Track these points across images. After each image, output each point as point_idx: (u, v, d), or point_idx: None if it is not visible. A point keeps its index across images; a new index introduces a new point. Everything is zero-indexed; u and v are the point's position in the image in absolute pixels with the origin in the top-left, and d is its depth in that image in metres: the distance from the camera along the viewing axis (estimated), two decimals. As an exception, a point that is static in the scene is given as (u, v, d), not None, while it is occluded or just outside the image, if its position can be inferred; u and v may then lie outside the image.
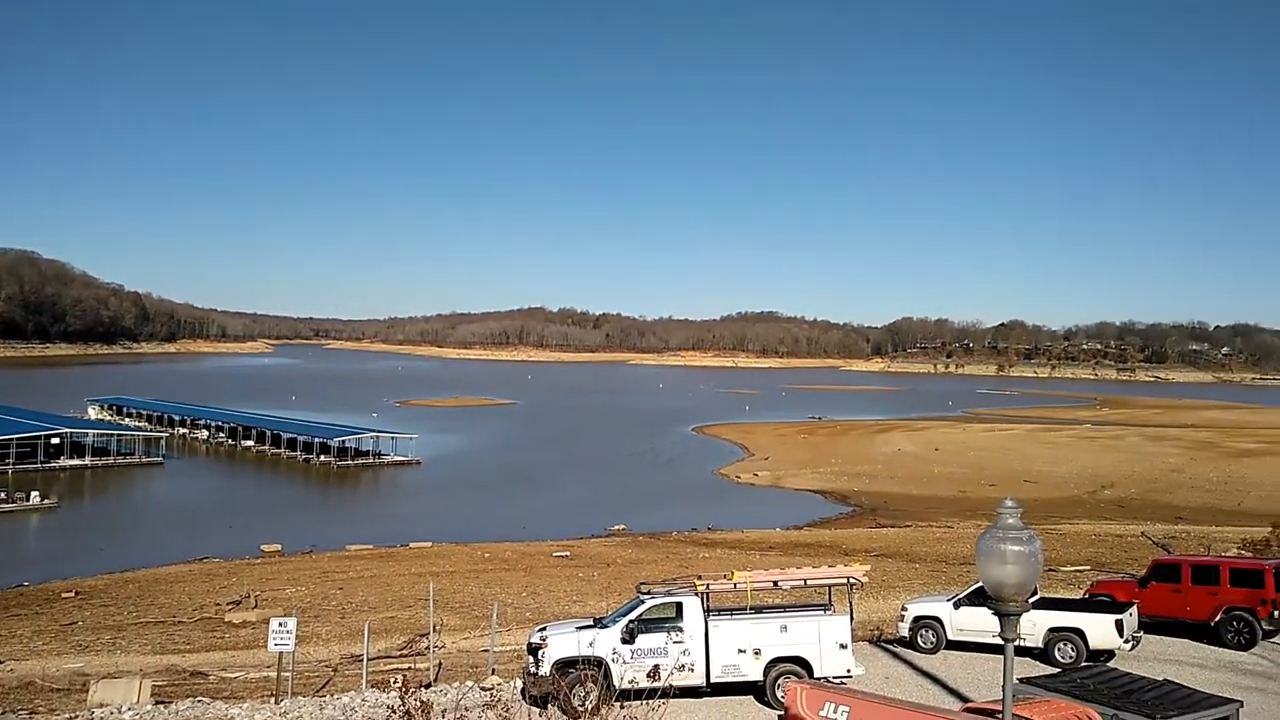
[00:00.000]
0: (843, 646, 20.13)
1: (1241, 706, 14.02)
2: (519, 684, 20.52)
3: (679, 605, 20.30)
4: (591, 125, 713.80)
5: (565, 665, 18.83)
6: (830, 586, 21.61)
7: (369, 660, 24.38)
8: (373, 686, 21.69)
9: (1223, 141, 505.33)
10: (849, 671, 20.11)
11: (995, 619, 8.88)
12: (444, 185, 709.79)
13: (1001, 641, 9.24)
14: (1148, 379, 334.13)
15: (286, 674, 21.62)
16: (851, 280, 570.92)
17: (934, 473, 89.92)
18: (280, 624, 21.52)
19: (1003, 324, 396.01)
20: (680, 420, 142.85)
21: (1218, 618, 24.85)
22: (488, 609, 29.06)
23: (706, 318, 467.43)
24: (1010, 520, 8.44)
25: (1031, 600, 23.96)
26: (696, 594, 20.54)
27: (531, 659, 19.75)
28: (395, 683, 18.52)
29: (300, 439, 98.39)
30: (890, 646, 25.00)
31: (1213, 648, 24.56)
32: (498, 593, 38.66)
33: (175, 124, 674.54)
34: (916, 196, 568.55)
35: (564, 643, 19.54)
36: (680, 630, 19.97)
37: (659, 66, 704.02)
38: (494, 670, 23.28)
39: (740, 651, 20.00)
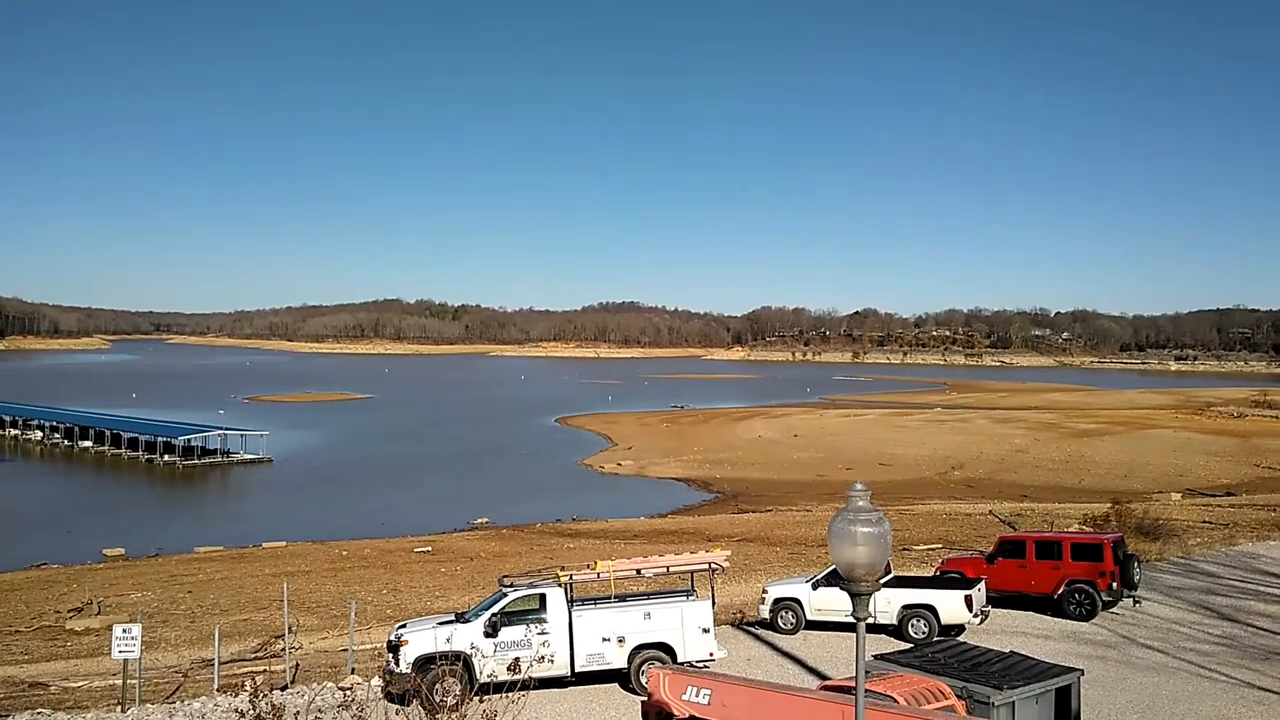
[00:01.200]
0: (705, 631, 20.29)
1: (1082, 675, 14.64)
2: (379, 683, 19.98)
3: (542, 597, 20.13)
4: (439, 111, 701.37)
5: (425, 662, 18.40)
6: (693, 572, 21.77)
7: (221, 664, 23.32)
8: (224, 691, 20.75)
9: (1057, 136, 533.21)
10: (712, 655, 20.28)
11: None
12: (290, 173, 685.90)
13: (853, 619, 9.34)
14: (994, 364, 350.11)
15: (133, 681, 20.47)
16: (711, 270, 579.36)
17: (793, 458, 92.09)
18: (124, 630, 20.40)
19: (857, 312, 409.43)
20: (543, 411, 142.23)
21: (1060, 590, 26.05)
22: (346, 608, 28.22)
23: (568, 308, 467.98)
24: (860, 503, 8.50)
25: (885, 579, 24.83)
26: (560, 585, 20.38)
27: (391, 657, 19.38)
28: (247, 686, 17.73)
29: (143, 438, 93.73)
30: (752, 629, 25.34)
31: (1056, 619, 25.73)
32: (357, 591, 37.57)
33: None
34: (771, 188, 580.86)
35: (423, 639, 19.16)
36: (544, 622, 19.80)
37: (504, 62, 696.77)
38: (353, 670, 22.59)
39: (604, 640, 19.99)
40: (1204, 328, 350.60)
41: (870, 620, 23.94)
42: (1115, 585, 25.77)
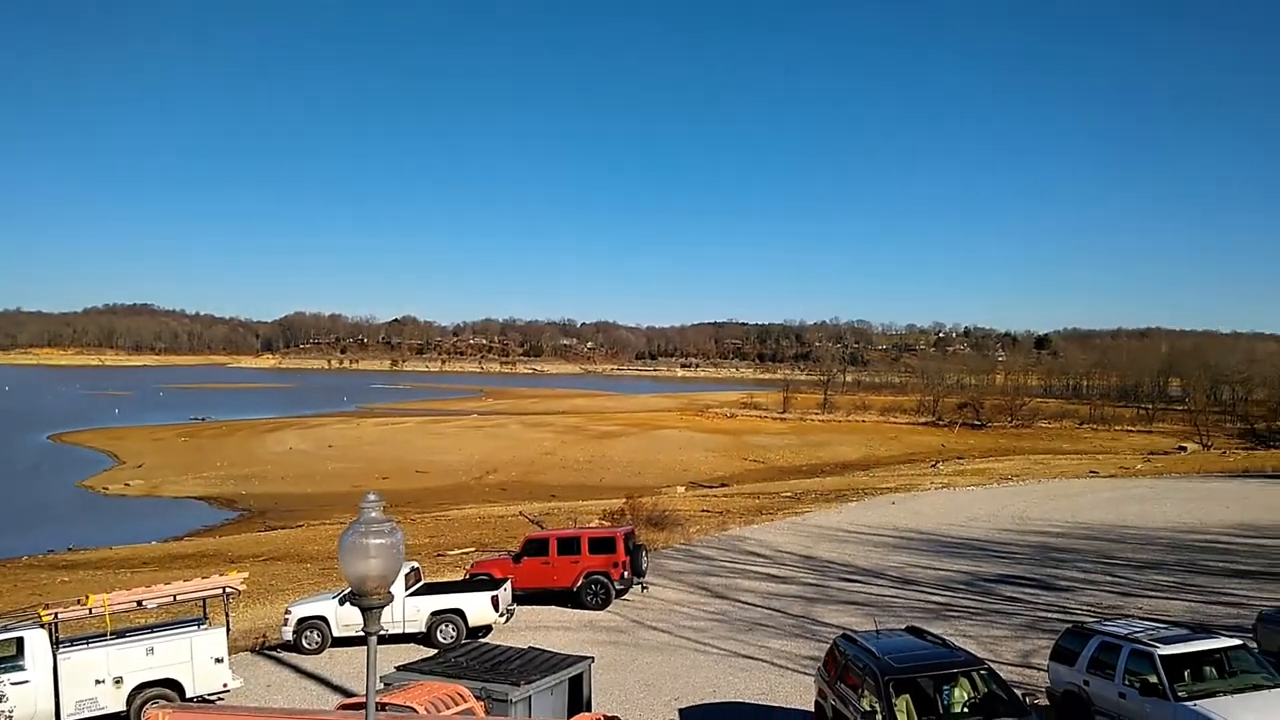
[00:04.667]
0: (218, 661, 18.80)
1: (593, 661, 15.55)
2: None
3: (19, 641, 17.44)
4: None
5: None
6: (205, 599, 20.02)
7: None
8: None
9: (569, 158, 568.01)
10: (226, 686, 18.85)
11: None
12: None
13: (381, 633, 9.07)
14: (527, 371, 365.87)
15: None
16: (237, 273, 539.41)
17: (328, 469, 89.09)
18: None
19: (396, 320, 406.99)
20: (34, 427, 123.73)
21: (579, 583, 27.69)
22: None
23: (66, 310, 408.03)
24: (373, 514, 8.23)
25: (416, 587, 24.71)
26: (42, 625, 17.77)
27: None
28: None
29: None
30: (274, 653, 23.91)
31: (576, 610, 27.27)
32: None
33: None
34: (306, 190, 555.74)
35: None
36: (21, 669, 17.16)
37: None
38: None
39: (98, 683, 17.81)
40: (704, 338, 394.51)
41: (399, 630, 23.79)
42: (627, 574, 27.96)
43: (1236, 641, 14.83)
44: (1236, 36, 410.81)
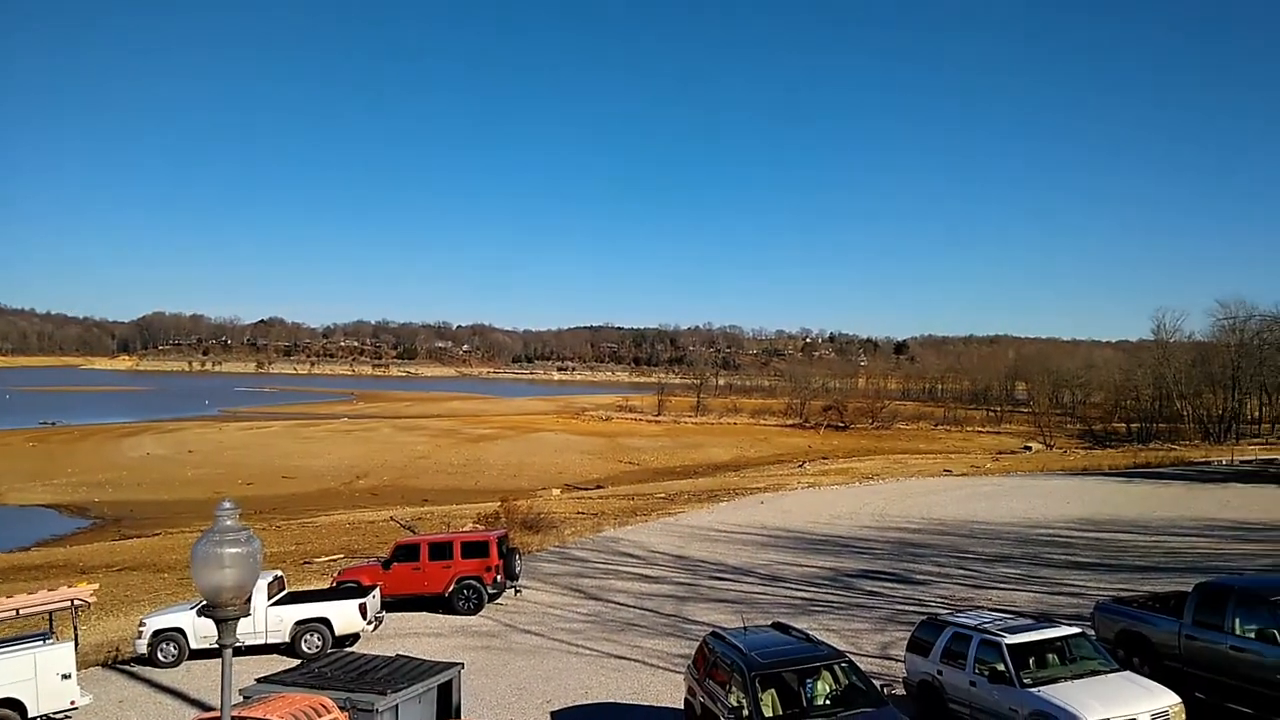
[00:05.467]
0: (65, 677, 17.93)
1: (462, 668, 15.45)
2: None
3: None
4: None
5: None
6: (52, 612, 19.06)
7: None
8: None
9: (438, 167, 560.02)
10: (74, 704, 18.02)
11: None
12: None
13: (239, 645, 8.85)
14: (400, 374, 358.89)
15: None
16: (92, 270, 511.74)
17: (188, 475, 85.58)
18: None
19: (262, 320, 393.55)
20: None
21: (451, 588, 27.45)
22: None
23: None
24: (228, 522, 8.05)
25: (279, 596, 24.06)
26: None
27: None
28: None
29: None
30: (128, 667, 22.91)
31: (448, 616, 27.03)
32: None
33: None
34: (175, 180, 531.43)
35: None
36: None
37: None
38: None
39: (-74, 708, 16.72)
40: (581, 342, 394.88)
41: (261, 641, 23.13)
42: (500, 578, 27.86)
43: (1076, 630, 15.76)
44: (1085, 56, 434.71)
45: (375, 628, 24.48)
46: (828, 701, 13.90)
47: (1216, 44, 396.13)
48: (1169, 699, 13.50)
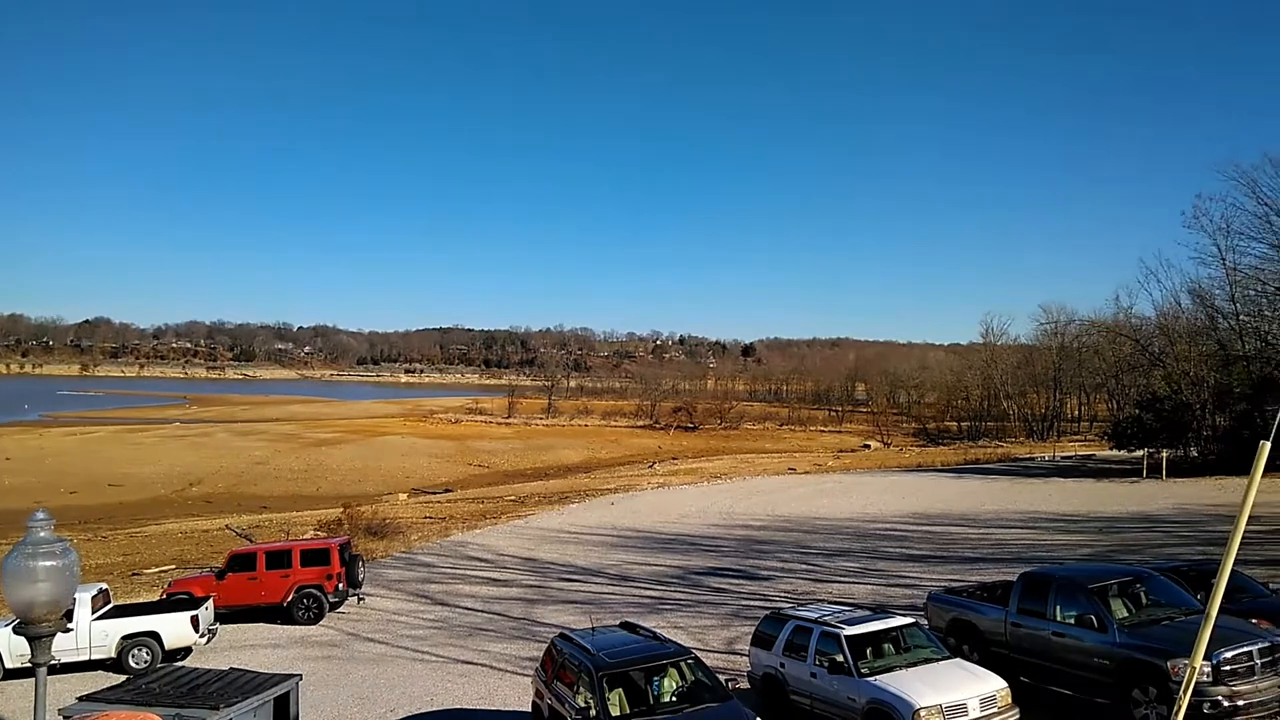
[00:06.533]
0: None
1: (300, 679, 14.94)
2: None
3: None
4: None
5: None
6: None
7: None
8: None
9: (301, 167, 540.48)
10: None
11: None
12: None
13: (55, 663, 8.29)
14: (237, 376, 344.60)
15: None
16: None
17: (4, 484, 79.76)
18: None
19: (87, 321, 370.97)
20: None
21: (290, 598, 26.54)
22: None
23: None
24: (42, 534, 7.55)
25: (104, 610, 22.75)
26: None
27: None
28: None
29: None
30: (-69, 693, 21.25)
31: (287, 626, 26.14)
32: None
33: None
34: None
35: None
36: None
37: None
38: None
39: None
40: (429, 344, 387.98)
41: (84, 657, 21.82)
42: (342, 586, 27.11)
43: (910, 620, 16.45)
44: (923, 66, 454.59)
45: (208, 640, 23.45)
46: (674, 698, 14.09)
47: (1044, 57, 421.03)
48: (996, 684, 14.22)
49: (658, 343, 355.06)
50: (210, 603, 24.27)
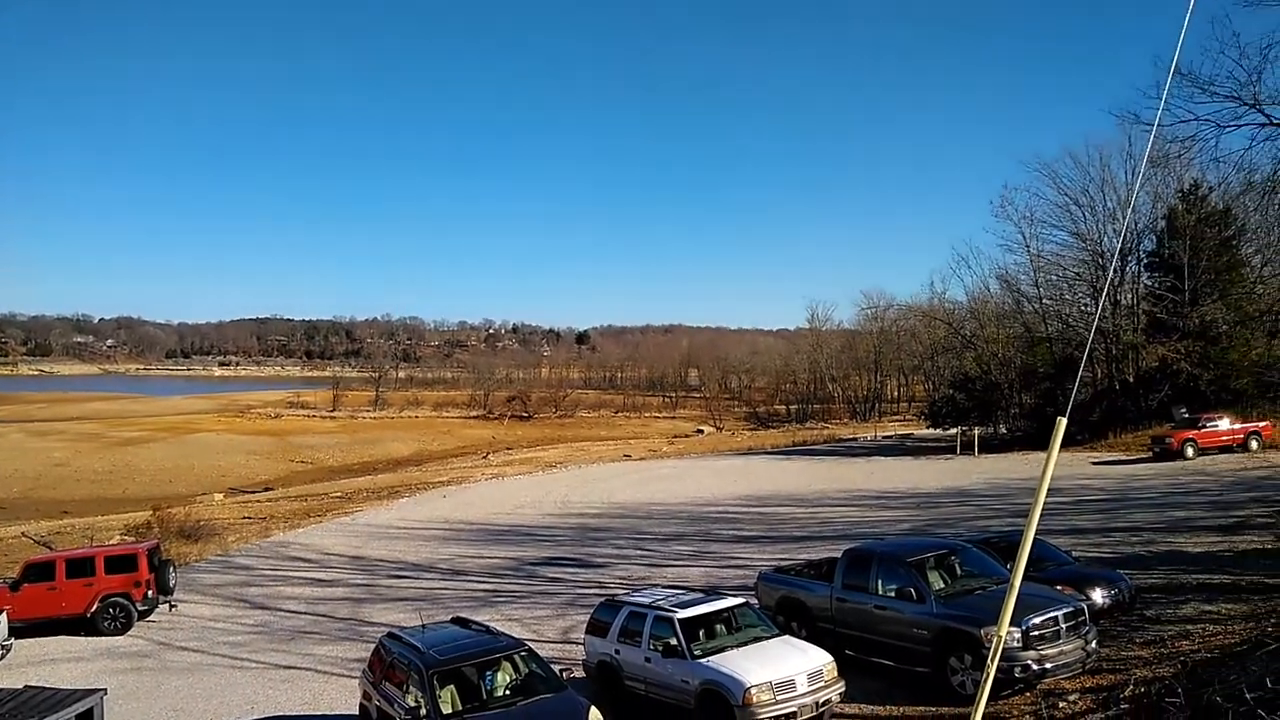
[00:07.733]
0: None
1: (105, 694, 13.92)
2: None
3: None
4: None
5: None
6: None
7: None
8: None
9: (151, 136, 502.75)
10: None
11: None
12: None
13: None
14: (32, 373, 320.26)
15: None
16: None
17: None
18: None
19: None
20: None
21: (95, 608, 24.82)
22: None
23: None
24: None
25: None
26: None
27: None
28: None
29: None
30: None
31: (91, 638, 24.48)
32: None
33: None
34: None
35: None
36: None
37: None
38: None
39: None
40: (246, 335, 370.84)
41: None
42: (151, 593, 25.53)
43: (741, 600, 16.77)
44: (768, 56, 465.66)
45: (2, 657, 21.68)
46: (507, 692, 13.88)
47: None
48: (822, 658, 14.64)
49: (490, 331, 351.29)
50: (3, 616, 22.39)
